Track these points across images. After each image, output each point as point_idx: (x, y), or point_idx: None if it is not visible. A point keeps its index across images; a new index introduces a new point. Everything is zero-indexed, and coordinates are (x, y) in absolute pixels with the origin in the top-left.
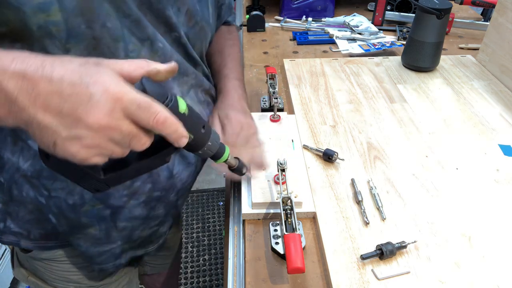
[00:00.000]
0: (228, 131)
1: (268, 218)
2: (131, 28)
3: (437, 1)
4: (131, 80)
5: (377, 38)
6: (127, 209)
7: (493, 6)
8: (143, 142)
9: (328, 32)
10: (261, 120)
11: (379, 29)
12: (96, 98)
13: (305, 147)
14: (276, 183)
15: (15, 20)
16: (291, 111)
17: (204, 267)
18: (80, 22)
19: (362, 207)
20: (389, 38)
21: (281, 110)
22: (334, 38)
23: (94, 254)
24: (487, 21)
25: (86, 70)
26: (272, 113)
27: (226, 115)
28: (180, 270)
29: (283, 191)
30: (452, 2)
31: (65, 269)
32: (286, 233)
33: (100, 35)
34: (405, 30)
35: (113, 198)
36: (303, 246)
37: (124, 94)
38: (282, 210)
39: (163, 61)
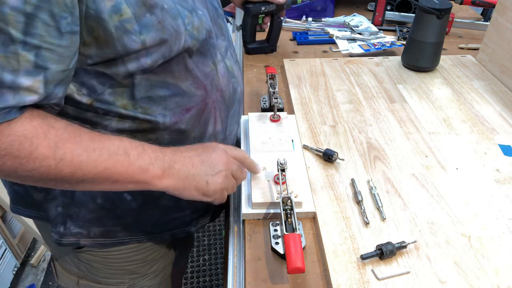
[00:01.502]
0: None
1: (268, 218)
2: (180, 2)
3: (437, 1)
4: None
5: (377, 38)
6: None
7: (493, 6)
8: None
9: (328, 32)
10: (261, 120)
11: (379, 29)
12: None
13: (305, 147)
14: (276, 183)
15: (97, 27)
16: (291, 111)
17: (204, 267)
18: (145, 11)
19: (362, 207)
20: (389, 38)
21: (281, 110)
22: (334, 38)
23: (166, 221)
24: (487, 21)
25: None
26: (272, 113)
27: None
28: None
29: (283, 191)
30: (452, 2)
31: (122, 259)
32: (286, 233)
33: (162, 17)
34: (405, 30)
35: None
36: (303, 246)
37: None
38: (282, 210)
39: (206, 27)
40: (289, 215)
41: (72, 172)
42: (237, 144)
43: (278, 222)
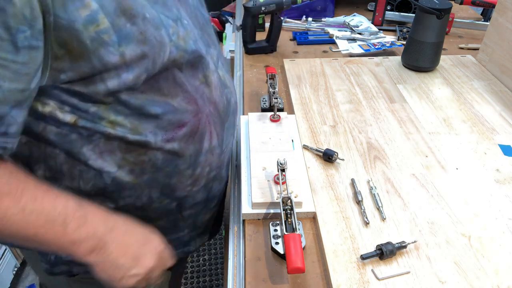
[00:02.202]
0: None
1: (268, 218)
2: (163, 12)
3: (437, 1)
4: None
5: (377, 38)
6: (190, 197)
7: (493, 6)
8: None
9: (328, 32)
10: (261, 120)
11: (379, 29)
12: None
13: (305, 147)
14: (276, 183)
15: (70, 39)
16: (291, 111)
17: (204, 267)
18: (125, 21)
19: (362, 207)
20: (389, 38)
21: (281, 110)
22: (334, 38)
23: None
24: (487, 21)
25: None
26: (272, 113)
27: None
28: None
29: (283, 191)
30: (452, 2)
31: None
32: (286, 233)
33: (144, 28)
34: (405, 30)
35: (178, 191)
36: (303, 246)
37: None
38: (282, 210)
39: (192, 37)
40: (289, 215)
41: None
42: (236, 145)
43: (278, 222)
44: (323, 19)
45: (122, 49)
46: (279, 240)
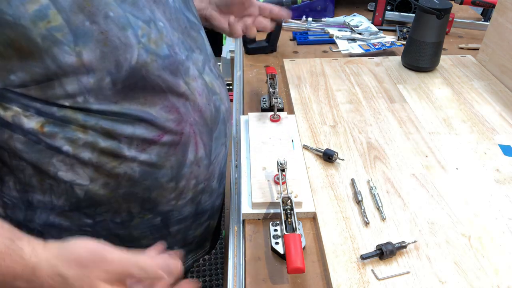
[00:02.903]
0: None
1: (268, 218)
2: (132, 12)
3: (437, 1)
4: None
5: (377, 38)
6: (176, 211)
7: (493, 6)
8: None
9: (328, 32)
10: (261, 120)
11: (379, 29)
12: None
13: (305, 147)
14: (276, 183)
15: (17, 37)
16: (291, 111)
17: (204, 267)
18: (83, 19)
19: (362, 207)
20: (389, 38)
21: (281, 110)
22: (334, 38)
23: None
24: (487, 21)
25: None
26: (272, 113)
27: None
28: None
29: (283, 191)
30: (452, 2)
31: None
32: (286, 233)
33: (106, 27)
34: (405, 30)
35: (161, 205)
36: (303, 246)
37: None
38: (282, 210)
39: (168, 41)
40: (289, 215)
41: None
42: (236, 145)
43: (278, 222)
44: (323, 19)
45: (79, 49)
46: (279, 240)
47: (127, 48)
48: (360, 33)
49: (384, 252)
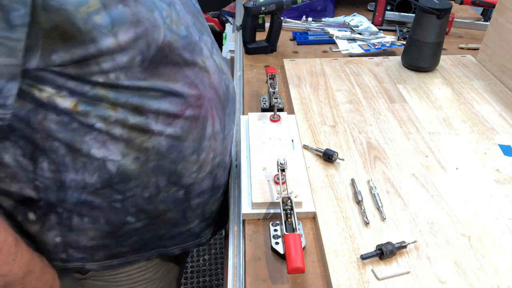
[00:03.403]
0: None
1: (268, 218)
2: None
3: (437, 1)
4: None
5: (377, 38)
6: (196, 184)
7: (493, 6)
8: None
9: (328, 32)
10: (261, 120)
11: (379, 29)
12: None
13: (305, 147)
14: (276, 183)
15: (62, 22)
16: (291, 111)
17: (204, 267)
18: (116, 2)
19: (362, 207)
20: (389, 38)
21: (281, 110)
22: (334, 38)
23: (175, 235)
24: (487, 21)
25: None
26: (272, 113)
27: None
28: None
29: (283, 191)
30: (452, 2)
31: (129, 280)
32: (286, 233)
33: (136, 9)
34: (405, 30)
35: (185, 178)
36: (303, 246)
37: None
38: (282, 210)
39: (184, 23)
40: (289, 215)
41: None
42: (236, 144)
43: (278, 222)
44: (323, 19)
45: (115, 31)
46: (279, 240)
47: (155, 28)
48: (360, 33)
49: (384, 252)
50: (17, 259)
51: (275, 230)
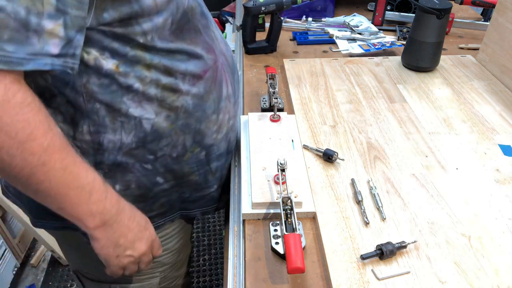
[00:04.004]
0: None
1: (268, 218)
2: None
3: (437, 1)
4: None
5: (377, 38)
6: (215, 146)
7: (493, 6)
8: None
9: (328, 32)
10: (261, 120)
11: (379, 29)
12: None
13: (305, 147)
14: (276, 183)
15: None
16: (291, 111)
17: (204, 267)
18: None
19: (362, 207)
20: (389, 38)
21: (281, 110)
22: (334, 38)
23: (197, 198)
24: (487, 21)
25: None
26: (272, 113)
27: None
28: None
29: (283, 191)
30: (452, 2)
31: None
32: (286, 233)
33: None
34: (405, 30)
35: (207, 137)
36: (303, 246)
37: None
38: (282, 210)
39: (200, 14)
40: (289, 215)
41: (38, 181)
42: (236, 145)
43: (278, 222)
44: (323, 19)
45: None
46: (279, 240)
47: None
48: (360, 33)
49: (384, 252)
50: (108, 196)
51: (275, 230)
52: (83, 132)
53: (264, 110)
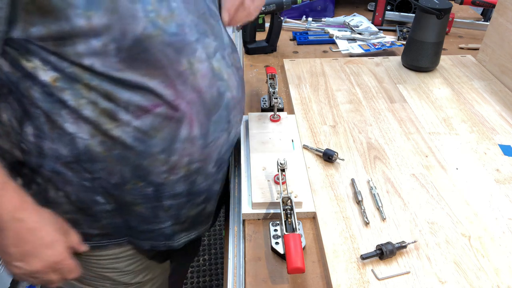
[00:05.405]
0: None
1: (268, 218)
2: None
3: (437, 1)
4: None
5: (377, 38)
6: (168, 185)
7: (493, 6)
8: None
9: (328, 32)
10: (261, 120)
11: (379, 29)
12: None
13: (305, 147)
14: (276, 183)
15: None
16: (291, 111)
17: (204, 267)
18: None
19: (362, 207)
20: (389, 38)
21: (281, 110)
22: (334, 38)
23: (144, 230)
24: (487, 21)
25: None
26: (272, 113)
27: None
28: None
29: (283, 191)
30: (452, 2)
31: (101, 265)
32: (286, 233)
33: None
34: (405, 30)
35: (153, 175)
36: (303, 246)
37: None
38: (282, 210)
39: (179, 21)
40: (289, 215)
41: None
42: (237, 144)
43: (278, 222)
44: (323, 19)
45: (90, 14)
46: (279, 240)
47: (133, 19)
48: (360, 33)
49: (384, 252)
50: (2, 201)
51: (275, 230)
52: (27, 133)
53: (264, 110)
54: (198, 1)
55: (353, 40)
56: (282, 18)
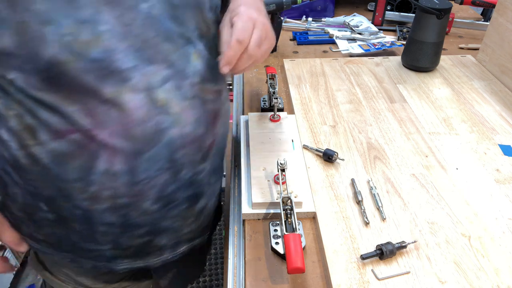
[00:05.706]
0: (237, 27)
1: (268, 218)
2: (63, 9)
3: (437, 1)
4: None
5: (377, 38)
6: (96, 213)
7: (493, 6)
8: None
9: (328, 32)
10: (261, 120)
11: (379, 29)
12: None
13: (305, 147)
14: (276, 183)
15: None
16: (291, 111)
17: (204, 267)
18: (5, 5)
19: (362, 207)
20: (389, 38)
21: (281, 110)
22: (334, 38)
23: (84, 248)
24: (487, 21)
25: None
26: (272, 113)
27: (236, 12)
28: None
29: (283, 191)
30: (452, 2)
31: (68, 267)
32: (286, 233)
33: (27, 18)
34: (405, 30)
35: (75, 200)
36: (303, 246)
37: None
38: (282, 210)
39: (106, 46)
40: (289, 215)
41: None
42: (236, 145)
43: (278, 222)
44: (323, 19)
45: (0, 33)
46: (279, 240)
47: (42, 42)
48: (360, 33)
49: (384, 252)
50: None
51: (275, 230)
52: None
53: (264, 110)
54: (148, 23)
55: (353, 40)
56: (282, 18)
